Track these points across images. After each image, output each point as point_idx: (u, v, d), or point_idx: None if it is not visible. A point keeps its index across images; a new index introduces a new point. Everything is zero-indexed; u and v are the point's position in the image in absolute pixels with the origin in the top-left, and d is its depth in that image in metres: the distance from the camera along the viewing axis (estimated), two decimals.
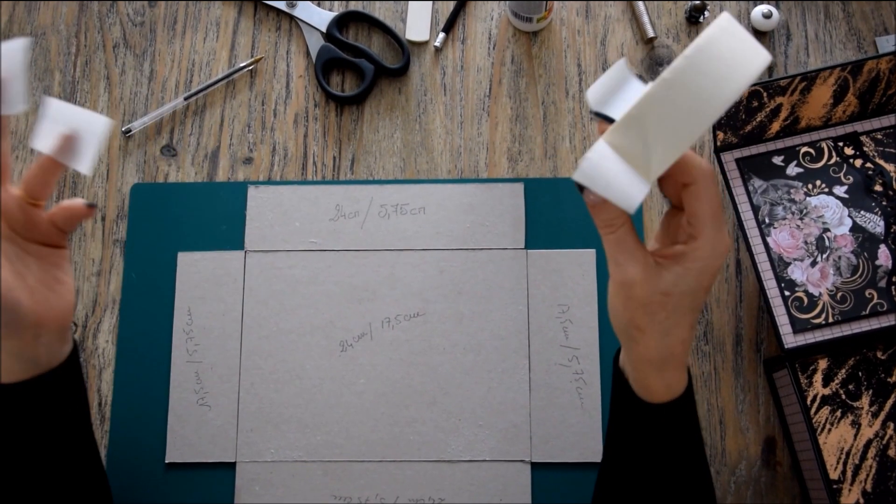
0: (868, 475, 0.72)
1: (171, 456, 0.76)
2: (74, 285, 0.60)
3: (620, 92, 0.58)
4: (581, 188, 0.51)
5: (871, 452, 0.73)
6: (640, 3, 0.86)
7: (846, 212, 0.76)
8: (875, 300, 0.74)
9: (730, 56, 0.47)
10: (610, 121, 0.51)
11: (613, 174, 0.48)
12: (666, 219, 0.57)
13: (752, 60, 0.47)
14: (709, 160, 0.83)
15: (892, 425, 0.73)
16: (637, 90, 0.58)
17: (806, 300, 0.74)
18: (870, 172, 0.77)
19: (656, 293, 0.52)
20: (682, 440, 0.57)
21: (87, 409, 0.63)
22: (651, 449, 0.57)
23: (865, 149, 0.78)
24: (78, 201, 0.59)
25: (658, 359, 0.54)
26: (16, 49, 0.55)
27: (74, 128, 0.57)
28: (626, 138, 0.48)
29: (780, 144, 0.79)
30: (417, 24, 0.86)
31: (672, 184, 0.53)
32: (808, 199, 0.77)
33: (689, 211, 0.52)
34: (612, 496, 0.61)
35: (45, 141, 0.57)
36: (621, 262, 0.52)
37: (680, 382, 0.56)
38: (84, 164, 0.57)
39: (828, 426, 0.73)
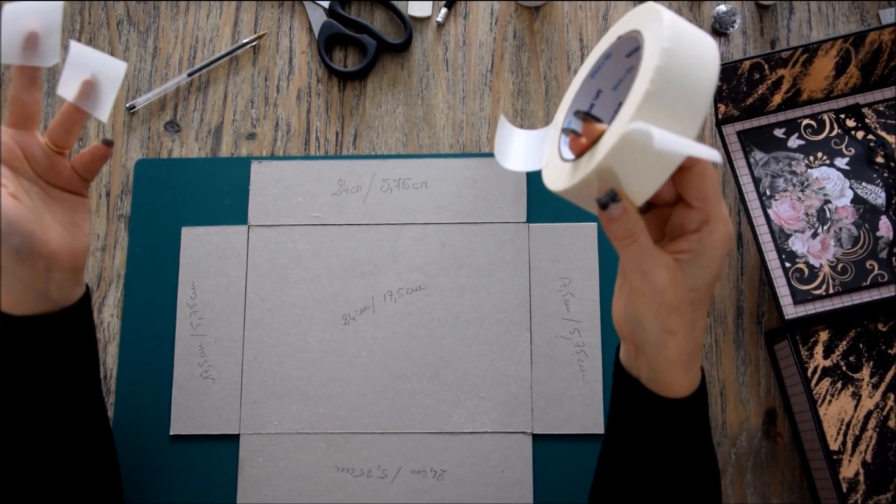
0: (868, 446, 0.72)
1: (176, 428, 0.77)
2: (90, 232, 0.63)
3: (511, 141, 0.61)
4: (606, 203, 0.49)
5: (872, 423, 0.73)
6: None
7: (847, 183, 0.76)
8: (876, 271, 0.74)
9: (690, 26, 0.50)
10: (596, 119, 0.50)
11: (677, 138, 0.46)
12: (651, 219, 0.55)
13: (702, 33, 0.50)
14: (710, 133, 0.83)
15: (892, 396, 0.73)
16: (523, 136, 0.61)
17: (807, 271, 0.74)
18: (871, 144, 0.77)
19: (685, 292, 0.51)
20: (699, 429, 0.57)
21: (95, 355, 0.65)
22: (669, 443, 0.56)
23: (867, 120, 0.78)
24: (94, 144, 0.63)
25: (686, 357, 0.53)
26: (53, 6, 0.60)
27: (94, 73, 0.61)
28: (654, 113, 0.47)
29: (781, 117, 0.79)
30: (420, 0, 0.86)
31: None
32: (809, 171, 0.77)
33: (697, 193, 0.50)
34: (620, 492, 0.59)
35: (68, 87, 0.61)
36: (648, 269, 0.50)
37: (698, 373, 0.55)
38: (102, 111, 0.61)
39: (828, 398, 0.73)
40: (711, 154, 0.45)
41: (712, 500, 0.59)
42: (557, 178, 0.54)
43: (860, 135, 0.77)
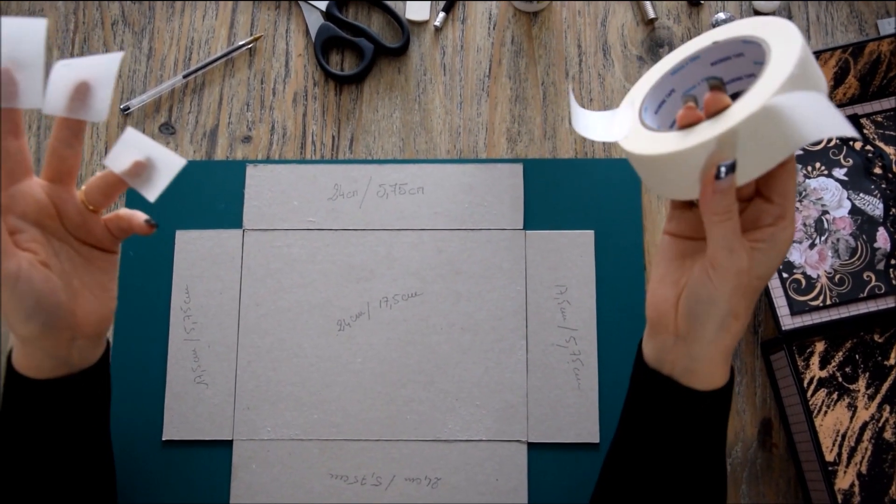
0: (863, 457, 0.72)
1: (169, 433, 0.76)
2: (117, 292, 0.61)
3: (582, 116, 0.60)
4: (727, 172, 0.49)
5: (867, 435, 0.73)
6: None
7: (845, 194, 0.76)
8: (873, 283, 0.74)
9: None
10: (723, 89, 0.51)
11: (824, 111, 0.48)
12: None
13: None
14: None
15: (888, 408, 0.73)
16: (594, 114, 0.60)
17: (804, 282, 0.74)
18: (869, 155, 0.77)
19: (755, 278, 0.52)
20: (725, 421, 0.57)
21: (108, 409, 0.64)
22: (698, 436, 0.56)
23: (865, 131, 0.78)
24: (139, 215, 0.59)
25: (733, 345, 0.54)
26: (111, 60, 0.55)
27: (150, 158, 0.57)
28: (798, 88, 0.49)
29: None
30: (417, 4, 0.86)
31: None
32: (807, 181, 0.77)
33: (782, 189, 0.52)
34: (635, 492, 0.59)
35: (117, 162, 0.57)
36: (737, 248, 0.51)
37: (729, 364, 0.57)
38: (151, 193, 0.57)
39: (824, 408, 0.73)
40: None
41: (722, 498, 0.59)
42: (654, 145, 0.54)
43: (858, 145, 0.77)
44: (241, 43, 0.85)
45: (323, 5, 0.85)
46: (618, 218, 0.80)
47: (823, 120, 0.46)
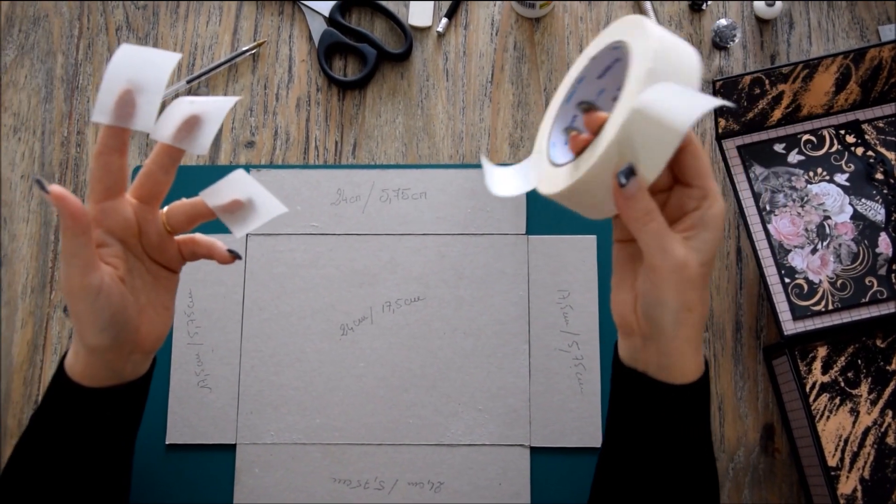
0: (866, 462, 0.72)
1: (172, 437, 0.76)
2: (174, 311, 0.62)
3: (496, 175, 0.64)
4: (627, 176, 0.50)
5: (870, 440, 0.73)
6: None
7: (847, 199, 0.76)
8: (875, 288, 0.74)
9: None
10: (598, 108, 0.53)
11: (691, 94, 0.50)
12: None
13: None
14: (710, 147, 0.83)
15: (890, 413, 0.73)
16: (507, 171, 0.65)
17: (806, 287, 0.75)
18: (871, 160, 0.77)
19: (700, 267, 0.53)
20: (706, 414, 0.58)
21: (140, 419, 0.64)
22: (680, 431, 0.56)
23: (867, 137, 0.78)
24: (220, 246, 0.61)
25: (698, 335, 0.55)
26: (225, 101, 0.56)
27: (251, 199, 0.58)
28: (664, 77, 0.51)
29: (781, 132, 0.79)
30: (420, 10, 0.86)
31: None
32: (809, 186, 0.77)
33: (695, 172, 0.53)
34: (629, 492, 0.59)
35: (216, 196, 0.59)
36: (668, 247, 0.52)
37: (702, 356, 0.57)
38: (241, 231, 0.58)
39: (826, 413, 0.73)
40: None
41: (715, 489, 0.59)
42: (558, 181, 0.56)
43: (860, 151, 0.78)
44: (244, 48, 0.85)
45: (326, 11, 0.86)
46: None
47: (688, 103, 0.48)
